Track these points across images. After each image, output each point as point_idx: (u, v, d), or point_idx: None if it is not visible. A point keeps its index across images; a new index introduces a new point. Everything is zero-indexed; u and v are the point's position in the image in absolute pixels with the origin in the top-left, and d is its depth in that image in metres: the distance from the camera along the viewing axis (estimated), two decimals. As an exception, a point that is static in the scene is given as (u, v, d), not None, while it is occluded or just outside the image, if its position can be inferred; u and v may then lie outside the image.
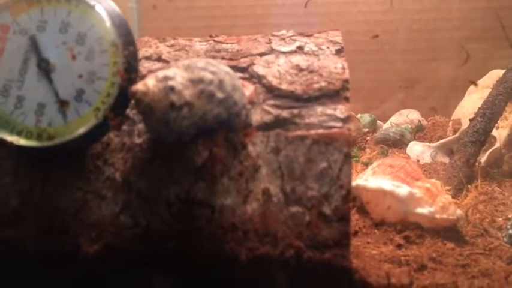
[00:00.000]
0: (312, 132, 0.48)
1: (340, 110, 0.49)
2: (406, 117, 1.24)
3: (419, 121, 1.22)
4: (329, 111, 0.49)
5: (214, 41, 0.61)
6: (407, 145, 1.08)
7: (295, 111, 0.50)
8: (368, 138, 1.18)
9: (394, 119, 1.25)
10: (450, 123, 1.15)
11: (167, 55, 0.57)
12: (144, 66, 0.55)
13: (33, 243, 0.46)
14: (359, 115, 1.23)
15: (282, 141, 0.48)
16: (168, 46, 0.60)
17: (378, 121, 1.26)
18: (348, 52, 0.57)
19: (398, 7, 1.36)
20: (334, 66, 0.53)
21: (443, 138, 1.08)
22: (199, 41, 0.61)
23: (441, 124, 1.20)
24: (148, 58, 0.57)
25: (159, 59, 0.57)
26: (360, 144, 1.12)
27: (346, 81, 0.51)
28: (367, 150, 1.06)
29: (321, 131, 0.48)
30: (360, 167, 0.90)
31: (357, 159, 0.96)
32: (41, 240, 0.47)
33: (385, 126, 1.23)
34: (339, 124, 0.48)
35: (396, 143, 1.12)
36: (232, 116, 0.46)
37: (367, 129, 1.19)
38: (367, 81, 1.38)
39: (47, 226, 0.46)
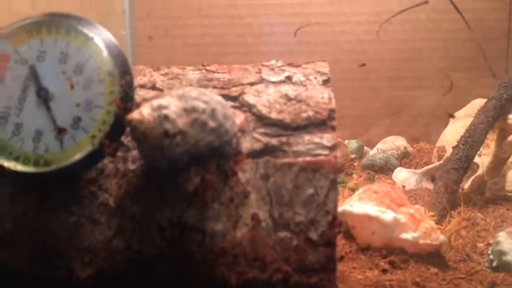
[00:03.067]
0: (300, 159, 0.50)
1: (326, 138, 0.51)
2: (392, 144, 1.27)
3: (405, 148, 1.25)
4: (316, 139, 0.52)
5: (206, 70, 0.63)
6: (393, 171, 1.11)
7: (284, 139, 0.52)
8: (355, 164, 1.21)
9: (381, 145, 1.28)
10: (435, 150, 1.18)
11: (161, 83, 0.59)
12: (138, 94, 0.57)
13: (27, 266, 0.47)
14: (346, 141, 1.26)
15: (270, 168, 0.50)
16: (162, 75, 0.62)
17: (365, 147, 1.29)
18: (336, 80, 0.59)
19: (384, 37, 1.40)
20: (321, 96, 0.55)
21: (428, 165, 1.11)
22: (192, 70, 0.63)
23: (426, 151, 1.23)
24: (142, 86, 0.59)
25: (153, 87, 0.59)
26: (347, 170, 1.14)
27: (332, 110, 0.54)
28: (354, 176, 1.08)
29: (308, 158, 0.50)
30: (347, 192, 0.92)
31: (344, 184, 0.98)
32: (34, 264, 0.48)
33: (372, 152, 1.25)
34: (325, 152, 0.50)
35: (383, 169, 1.14)
36: (224, 143, 0.48)
37: (354, 156, 1.21)
38: (355, 109, 1.42)
39: (40, 250, 0.47)
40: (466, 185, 0.95)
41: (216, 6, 1.47)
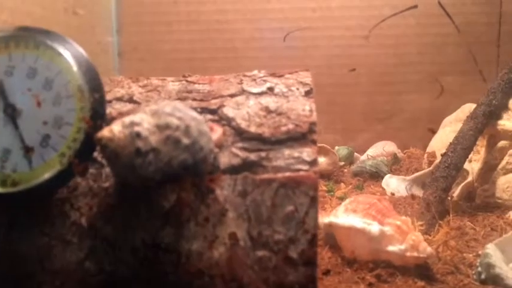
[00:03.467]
0: (279, 175, 0.49)
1: (307, 152, 0.50)
2: (383, 150, 1.25)
3: (395, 154, 1.24)
4: (296, 154, 0.50)
5: (187, 81, 0.62)
6: (383, 178, 1.09)
7: (263, 154, 0.50)
8: (346, 170, 1.19)
9: (371, 151, 1.26)
10: (425, 155, 1.17)
11: (139, 96, 0.58)
12: (114, 107, 0.55)
13: (-5, 291, 0.46)
14: (336, 147, 1.24)
15: (249, 185, 0.48)
16: (140, 86, 0.60)
17: (356, 153, 1.28)
18: (326, 85, 0.58)
19: (374, 42, 1.40)
20: (303, 108, 0.54)
21: (418, 171, 1.10)
22: (172, 81, 0.62)
23: (416, 156, 1.22)
24: (119, 99, 0.57)
25: (131, 100, 0.57)
26: (336, 177, 1.13)
27: (313, 123, 0.52)
28: (342, 184, 1.07)
29: (288, 174, 0.49)
30: (335, 201, 0.91)
31: (332, 193, 0.97)
32: (5, 287, 0.46)
33: (362, 158, 1.24)
34: (305, 167, 0.49)
35: (372, 176, 1.13)
36: (198, 161, 0.46)
37: (343, 163, 1.20)
38: (345, 114, 1.41)
39: (10, 272, 0.46)
40: (456, 192, 0.94)
41: (205, 11, 1.46)
